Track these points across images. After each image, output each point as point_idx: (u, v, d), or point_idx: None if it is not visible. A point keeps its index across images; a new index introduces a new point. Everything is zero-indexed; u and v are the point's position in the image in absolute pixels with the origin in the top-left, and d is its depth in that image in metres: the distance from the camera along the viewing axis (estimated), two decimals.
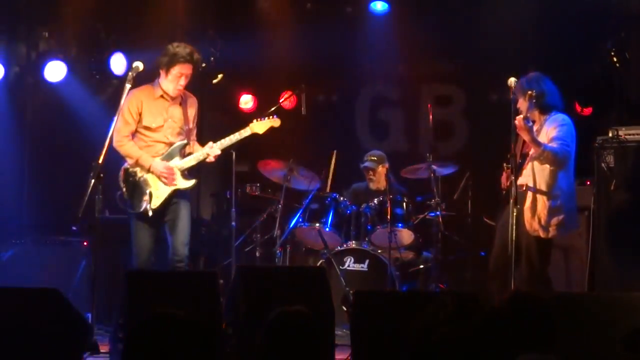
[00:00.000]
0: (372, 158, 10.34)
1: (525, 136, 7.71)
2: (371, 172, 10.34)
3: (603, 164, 8.82)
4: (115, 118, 7.97)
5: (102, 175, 7.62)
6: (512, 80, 7.80)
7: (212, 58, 11.05)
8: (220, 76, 11.03)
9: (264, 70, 11.84)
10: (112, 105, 8.85)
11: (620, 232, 8.69)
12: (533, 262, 7.86)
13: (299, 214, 9.69)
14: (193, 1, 11.36)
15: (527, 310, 4.28)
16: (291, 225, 9.72)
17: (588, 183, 9.25)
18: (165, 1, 11.06)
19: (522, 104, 7.88)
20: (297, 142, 11.31)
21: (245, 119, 10.37)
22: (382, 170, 10.28)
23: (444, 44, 11.73)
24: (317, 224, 9.68)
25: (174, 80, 8.25)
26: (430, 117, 9.99)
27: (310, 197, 9.73)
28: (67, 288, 8.85)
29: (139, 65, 7.99)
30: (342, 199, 9.82)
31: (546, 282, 7.89)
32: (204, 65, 11.04)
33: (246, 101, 11.84)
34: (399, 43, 11.78)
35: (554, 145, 7.78)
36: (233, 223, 9.31)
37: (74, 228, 9.95)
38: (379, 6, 11.55)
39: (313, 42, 11.64)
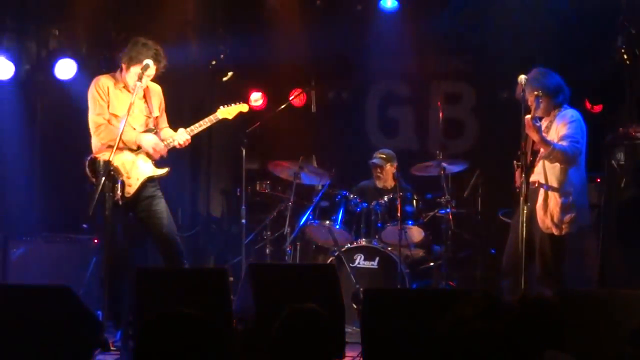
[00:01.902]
0: (381, 156, 10.33)
1: (534, 136, 7.67)
2: (379, 170, 10.34)
3: (613, 161, 8.81)
4: (90, 108, 8.01)
5: (112, 173, 7.63)
6: (522, 78, 7.76)
7: (222, 56, 11.06)
8: (230, 74, 11.03)
9: (274, 68, 11.85)
10: None
11: (631, 229, 8.68)
12: (547, 259, 7.84)
13: (309, 212, 9.69)
14: None
15: (536, 314, 4.31)
16: (301, 223, 9.72)
17: (598, 180, 9.23)
18: None
19: (531, 102, 7.84)
20: (307, 139, 11.32)
21: (255, 116, 10.41)
22: (390, 168, 10.28)
23: (454, 41, 11.75)
24: (327, 222, 9.68)
25: (132, 78, 8.05)
26: (440, 114, 9.98)
27: (320, 194, 9.74)
28: (78, 285, 8.87)
29: (149, 63, 7.94)
30: (352, 196, 9.82)
31: (560, 279, 7.86)
32: (213, 63, 11.08)
33: (256, 99, 11.84)
34: (409, 40, 11.78)
35: (563, 143, 7.73)
36: (243, 220, 9.32)
37: (84, 225, 9.98)
38: (388, 3, 11.53)
39: (323, 39, 11.64)
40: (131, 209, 8.11)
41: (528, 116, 7.63)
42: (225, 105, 8.64)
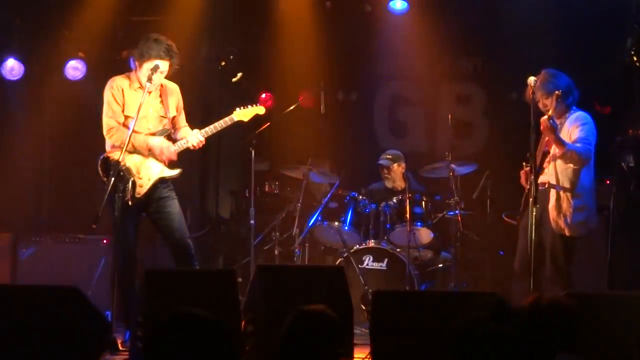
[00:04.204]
0: (388, 156, 10.34)
1: (550, 136, 7.68)
2: (386, 170, 10.35)
3: (623, 163, 8.79)
4: (104, 109, 7.99)
5: (122, 173, 7.65)
6: (531, 79, 7.77)
7: (231, 57, 11.05)
8: (239, 75, 11.02)
9: (283, 69, 11.84)
10: None
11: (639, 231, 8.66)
12: (558, 260, 7.84)
13: (317, 213, 9.70)
14: (212, 0, 11.36)
15: (549, 316, 4.31)
16: (310, 224, 9.73)
17: (607, 182, 9.22)
18: (185, 0, 11.07)
19: (548, 103, 7.83)
20: (316, 140, 11.32)
21: (264, 117, 10.41)
22: (397, 169, 10.27)
23: (464, 43, 11.72)
24: (336, 223, 9.69)
25: (144, 75, 7.95)
26: (450, 116, 9.97)
27: (329, 195, 9.74)
28: (87, 286, 8.88)
29: (158, 64, 7.91)
30: (361, 197, 9.82)
31: (569, 280, 7.86)
32: (222, 63, 11.08)
33: (265, 99, 11.83)
34: (418, 42, 11.76)
35: (577, 145, 7.75)
36: (252, 221, 9.32)
37: (93, 226, 9.99)
38: (398, 5, 11.50)
39: (332, 40, 11.65)
40: (143, 210, 8.07)
41: (545, 117, 7.64)
42: (242, 107, 8.52)
